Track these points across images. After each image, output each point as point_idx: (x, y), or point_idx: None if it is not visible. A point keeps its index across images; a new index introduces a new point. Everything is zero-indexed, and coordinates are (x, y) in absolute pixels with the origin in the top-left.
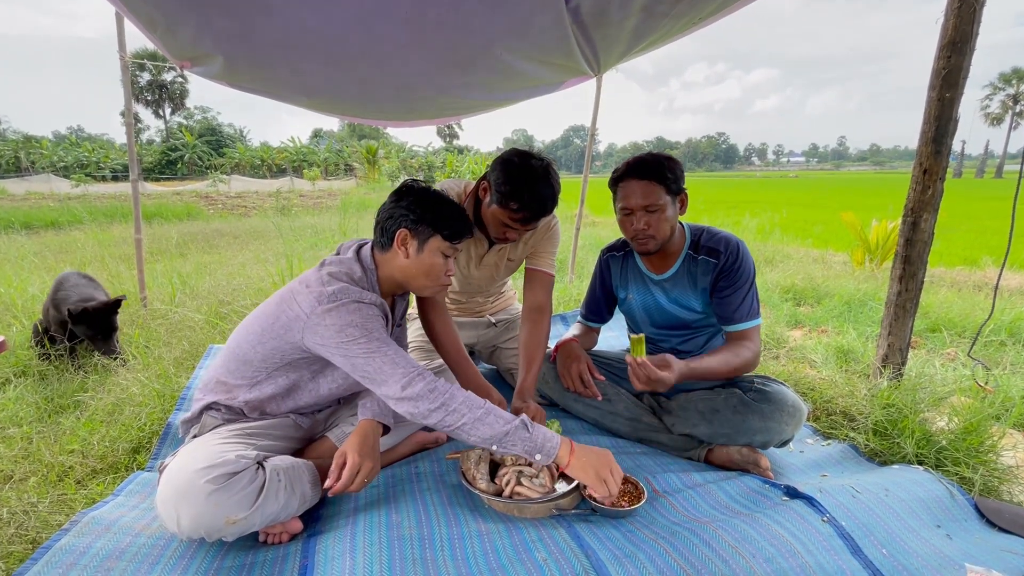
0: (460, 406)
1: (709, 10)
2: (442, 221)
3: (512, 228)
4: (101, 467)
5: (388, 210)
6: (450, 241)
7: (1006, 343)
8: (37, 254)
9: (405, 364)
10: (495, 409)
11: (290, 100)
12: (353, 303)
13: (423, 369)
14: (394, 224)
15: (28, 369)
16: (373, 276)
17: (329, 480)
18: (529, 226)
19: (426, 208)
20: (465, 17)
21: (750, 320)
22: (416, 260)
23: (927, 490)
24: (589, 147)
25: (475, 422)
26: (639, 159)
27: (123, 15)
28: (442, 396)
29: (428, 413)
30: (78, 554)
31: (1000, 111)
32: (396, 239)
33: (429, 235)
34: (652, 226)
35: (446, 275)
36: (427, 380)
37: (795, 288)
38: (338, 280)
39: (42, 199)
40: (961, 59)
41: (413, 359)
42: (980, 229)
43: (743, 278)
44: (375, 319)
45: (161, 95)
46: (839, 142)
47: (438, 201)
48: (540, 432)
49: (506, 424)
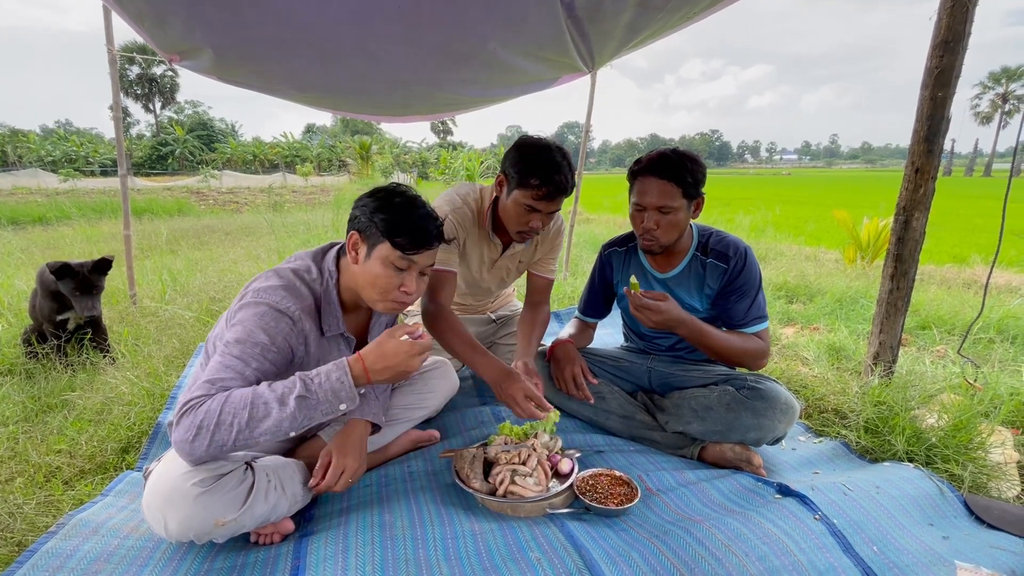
0: (225, 417)
1: (703, 5)
2: (395, 226)
3: (535, 211)
4: (89, 467)
5: (352, 209)
6: (401, 251)
7: (995, 340)
8: (24, 250)
9: (217, 374)
10: (262, 395)
11: (281, 94)
12: (265, 306)
13: (213, 390)
14: (349, 226)
15: (14, 368)
16: (332, 281)
17: (313, 480)
18: (552, 204)
19: (381, 210)
20: (460, 12)
21: (758, 323)
22: (363, 268)
23: (917, 487)
24: (583, 144)
25: (249, 425)
26: (662, 155)
27: (110, 8)
28: (204, 420)
29: (186, 442)
30: (65, 557)
31: (989, 110)
32: (349, 241)
33: (378, 240)
34: (661, 227)
35: (401, 290)
36: (197, 409)
37: (787, 285)
38: (280, 278)
39: (29, 194)
40: (954, 58)
41: (239, 382)
42: (969, 227)
43: (751, 285)
44: (275, 332)
45: (151, 89)
46: (831, 140)
47: (400, 206)
48: (321, 382)
49: (283, 407)
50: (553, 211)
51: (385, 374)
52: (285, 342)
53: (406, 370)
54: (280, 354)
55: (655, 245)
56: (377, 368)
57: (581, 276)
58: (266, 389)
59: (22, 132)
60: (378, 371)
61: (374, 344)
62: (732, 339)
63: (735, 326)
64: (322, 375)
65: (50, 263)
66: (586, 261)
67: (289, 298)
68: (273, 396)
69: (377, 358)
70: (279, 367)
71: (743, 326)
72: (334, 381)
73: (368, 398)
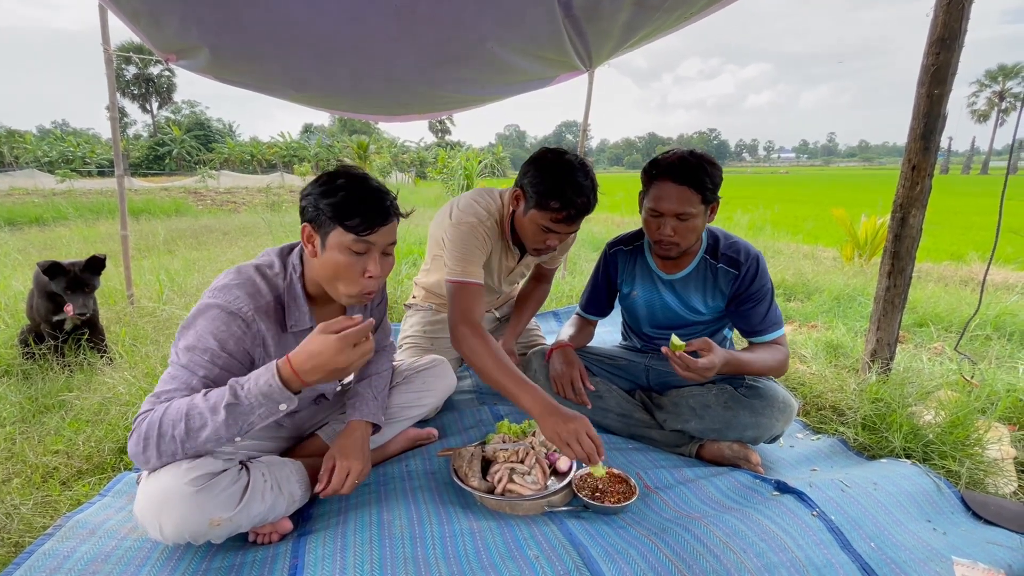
0: (166, 430)
1: (700, 4)
2: (343, 209)
3: (554, 232)
4: (87, 468)
5: (299, 201)
6: (355, 233)
7: (992, 337)
8: (21, 251)
9: (164, 386)
10: (196, 406)
11: (278, 94)
12: (217, 308)
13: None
14: (301, 219)
15: (11, 368)
16: (296, 275)
17: (319, 485)
18: (572, 226)
19: (326, 196)
20: (457, 10)
21: (775, 330)
22: (322, 260)
23: (914, 484)
24: (582, 143)
25: (189, 436)
26: (681, 158)
27: (106, 7)
28: (147, 432)
29: (139, 454)
30: (61, 558)
31: (986, 108)
32: (303, 235)
33: (330, 228)
34: (679, 234)
35: (365, 275)
36: (143, 423)
37: (786, 283)
38: (239, 275)
39: (26, 195)
40: (950, 56)
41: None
42: (966, 225)
43: (763, 292)
44: (225, 336)
45: (148, 89)
46: (829, 138)
47: (345, 187)
48: (251, 388)
49: (215, 416)
50: (573, 231)
51: (316, 374)
52: (237, 346)
53: (337, 367)
54: (233, 358)
55: (673, 252)
56: (306, 368)
57: (580, 275)
58: (200, 399)
59: (18, 132)
60: (307, 371)
61: (304, 342)
62: (764, 356)
63: (753, 333)
64: (251, 380)
65: (41, 262)
66: (584, 260)
67: (243, 298)
68: (206, 406)
69: (305, 357)
70: (235, 371)
71: (761, 333)
72: (262, 385)
73: (366, 398)
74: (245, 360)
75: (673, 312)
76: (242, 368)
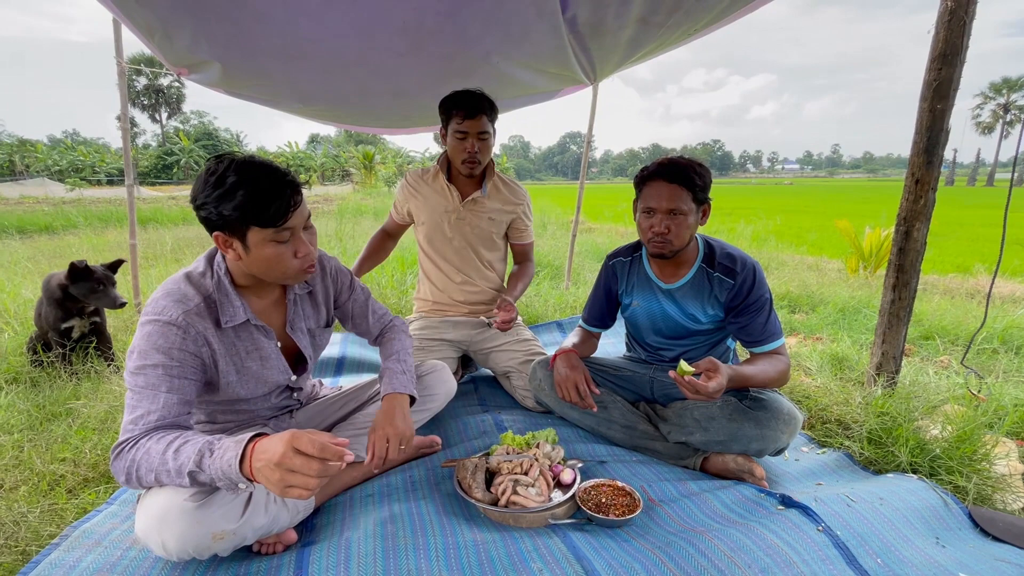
0: (144, 474)
1: (705, 21)
2: (250, 210)
3: (466, 133)
4: (93, 476)
5: (195, 210)
6: (273, 226)
7: (999, 351)
8: (31, 259)
9: (135, 411)
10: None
11: (287, 108)
12: (150, 324)
13: (137, 430)
14: (207, 227)
15: (20, 376)
16: (221, 271)
17: (368, 457)
18: (476, 123)
19: (225, 199)
20: (462, 27)
21: (775, 340)
22: (250, 260)
23: (921, 499)
24: (585, 154)
25: (162, 483)
26: (670, 160)
27: (121, 21)
28: (126, 465)
29: (119, 479)
30: (68, 568)
31: (991, 120)
32: (218, 243)
33: (245, 230)
34: (672, 231)
35: (298, 257)
36: (124, 455)
37: (790, 295)
38: (165, 286)
39: (36, 203)
40: (951, 71)
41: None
42: (972, 236)
43: (761, 302)
44: (167, 347)
45: (158, 99)
46: (833, 150)
47: (240, 184)
48: (216, 460)
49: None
50: (480, 131)
51: (263, 475)
52: (182, 352)
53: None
54: (185, 366)
55: (666, 248)
56: (258, 465)
57: (583, 285)
58: (171, 457)
59: (30, 142)
60: (258, 468)
61: (273, 437)
62: (766, 368)
63: (754, 343)
64: (218, 453)
65: (76, 261)
66: (588, 271)
67: (171, 306)
68: (174, 467)
69: (260, 451)
70: (194, 378)
71: (762, 343)
72: (224, 464)
73: (395, 371)
74: (196, 363)
75: (674, 322)
76: (197, 372)
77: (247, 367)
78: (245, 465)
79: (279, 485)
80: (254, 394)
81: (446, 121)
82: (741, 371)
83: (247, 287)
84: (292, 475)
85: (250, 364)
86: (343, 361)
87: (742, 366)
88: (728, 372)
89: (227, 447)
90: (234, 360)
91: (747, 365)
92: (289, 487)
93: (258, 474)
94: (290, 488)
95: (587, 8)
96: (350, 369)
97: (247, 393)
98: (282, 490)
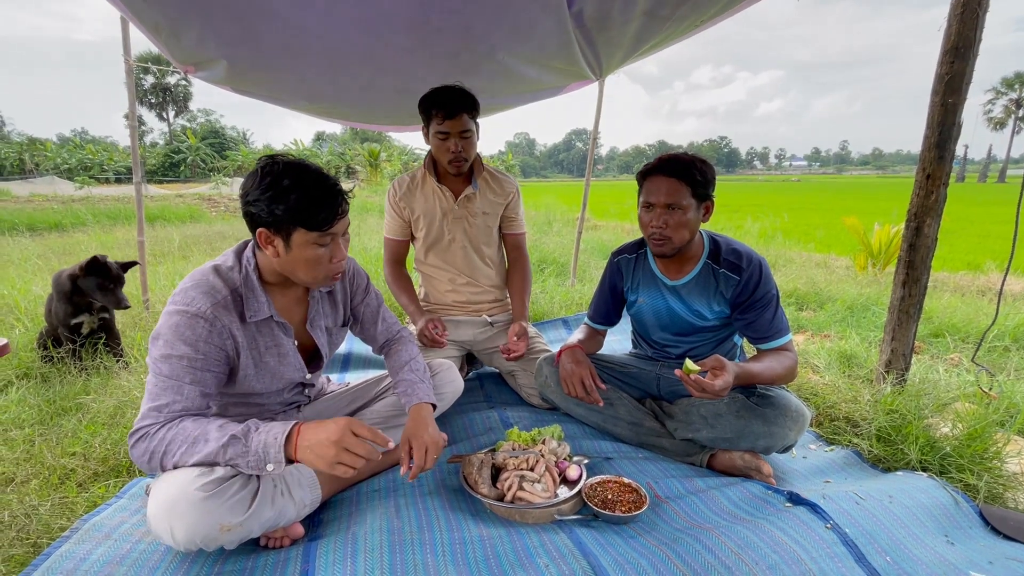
0: (170, 449)
1: (711, 13)
2: (301, 212)
3: (447, 133)
4: (103, 470)
5: (243, 206)
6: (319, 230)
7: (1010, 348)
8: (41, 256)
9: (158, 399)
10: (206, 434)
11: (293, 105)
12: (178, 314)
13: (161, 417)
14: (251, 223)
15: (31, 371)
16: (251, 267)
17: (402, 469)
18: (458, 122)
19: (278, 200)
20: (468, 22)
21: (782, 337)
22: (288, 258)
23: (931, 497)
24: (591, 150)
25: (185, 455)
26: (672, 155)
27: (128, 20)
28: (154, 446)
29: (138, 459)
30: (78, 560)
31: (1003, 115)
32: (259, 239)
33: (291, 230)
34: (670, 226)
35: (332, 262)
36: (152, 435)
37: (797, 292)
38: (194, 277)
39: (46, 201)
40: (964, 64)
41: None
42: (983, 233)
43: (767, 298)
44: (194, 339)
45: (165, 98)
46: (841, 146)
47: (293, 188)
48: (261, 434)
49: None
50: (462, 130)
51: (307, 454)
52: (208, 345)
53: (327, 458)
54: (209, 359)
55: (666, 245)
56: (306, 443)
57: (589, 282)
58: (214, 428)
59: (39, 140)
60: (307, 446)
61: (319, 423)
62: (773, 364)
63: (760, 339)
64: (264, 427)
65: (97, 255)
66: (593, 268)
67: (200, 298)
68: (217, 435)
69: (310, 434)
70: (217, 371)
71: (769, 339)
72: (269, 437)
73: (414, 382)
74: (220, 356)
75: (680, 318)
76: (221, 365)
77: (265, 362)
78: (291, 444)
79: (331, 461)
80: (268, 389)
81: (427, 120)
82: (748, 368)
83: (273, 284)
84: (345, 453)
85: (268, 359)
86: (349, 357)
87: (749, 363)
88: (734, 369)
89: (273, 424)
90: (253, 354)
91: (754, 362)
92: (339, 463)
93: (307, 451)
94: (339, 465)
95: (593, 2)
96: (356, 365)
97: (262, 387)
98: (331, 466)
